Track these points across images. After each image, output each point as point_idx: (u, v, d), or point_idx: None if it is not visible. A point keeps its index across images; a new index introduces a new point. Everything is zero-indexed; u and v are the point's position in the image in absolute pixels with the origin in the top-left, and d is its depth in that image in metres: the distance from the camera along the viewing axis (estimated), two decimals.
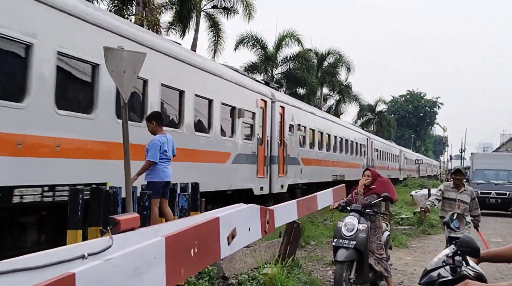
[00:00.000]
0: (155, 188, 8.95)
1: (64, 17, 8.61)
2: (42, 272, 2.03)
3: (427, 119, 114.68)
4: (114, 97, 9.59)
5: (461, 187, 9.55)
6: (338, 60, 46.21)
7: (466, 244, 3.16)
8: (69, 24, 8.72)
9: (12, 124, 7.63)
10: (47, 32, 8.28)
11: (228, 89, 14.82)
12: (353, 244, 7.71)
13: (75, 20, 8.82)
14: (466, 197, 9.41)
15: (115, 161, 8.95)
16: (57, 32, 8.49)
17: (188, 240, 2.71)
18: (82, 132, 9.05)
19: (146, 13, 23.09)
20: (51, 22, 8.39)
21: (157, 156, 8.95)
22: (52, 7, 8.36)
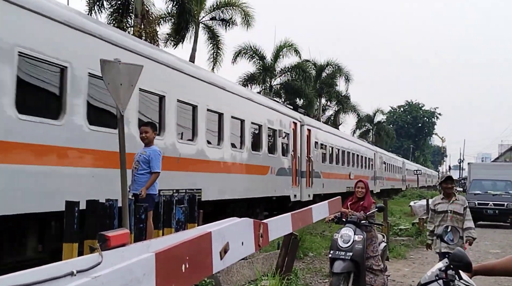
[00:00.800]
0: (152, 200, 8.88)
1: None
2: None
3: (425, 130, 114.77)
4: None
5: (452, 196, 8.65)
6: (336, 71, 46.38)
7: (458, 258, 3.16)
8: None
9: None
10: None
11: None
12: (349, 255, 7.69)
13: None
14: (459, 207, 8.50)
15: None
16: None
17: (179, 255, 2.70)
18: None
19: (145, 25, 23.15)
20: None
21: (160, 167, 8.75)
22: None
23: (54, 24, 8.55)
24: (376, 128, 72.62)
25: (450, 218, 8.47)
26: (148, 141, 8.88)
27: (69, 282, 2.12)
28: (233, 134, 15.31)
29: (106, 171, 9.50)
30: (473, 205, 24.49)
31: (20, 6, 7.85)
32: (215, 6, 30.00)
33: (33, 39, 8.13)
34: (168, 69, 11.89)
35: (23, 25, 7.98)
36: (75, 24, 9.00)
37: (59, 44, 8.69)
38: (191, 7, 26.24)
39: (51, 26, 8.50)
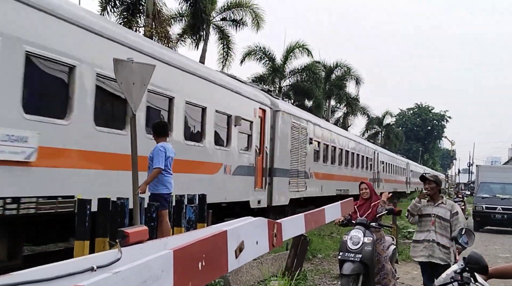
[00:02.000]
0: (164, 199, 8.89)
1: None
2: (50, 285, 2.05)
3: (435, 133, 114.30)
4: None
5: (438, 198, 7.66)
6: (346, 73, 46.33)
7: (474, 260, 3.15)
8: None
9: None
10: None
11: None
12: (359, 257, 7.69)
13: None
14: (444, 212, 7.44)
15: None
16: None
17: (196, 253, 2.71)
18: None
19: (156, 25, 23.21)
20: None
21: (162, 162, 8.71)
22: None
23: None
24: (385, 130, 72.46)
25: (432, 223, 7.46)
26: (157, 141, 9.05)
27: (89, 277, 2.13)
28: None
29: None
30: (481, 209, 24.22)
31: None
32: (225, 6, 30.05)
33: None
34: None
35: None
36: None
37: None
38: (206, 7, 26.29)
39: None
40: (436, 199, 7.62)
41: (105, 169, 9.30)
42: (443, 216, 7.41)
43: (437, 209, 7.48)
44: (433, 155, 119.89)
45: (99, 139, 9.18)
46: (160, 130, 9.14)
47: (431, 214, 7.50)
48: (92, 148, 8.97)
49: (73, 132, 8.46)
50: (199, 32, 27.98)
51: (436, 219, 7.42)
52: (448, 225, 7.40)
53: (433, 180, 7.63)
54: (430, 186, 7.57)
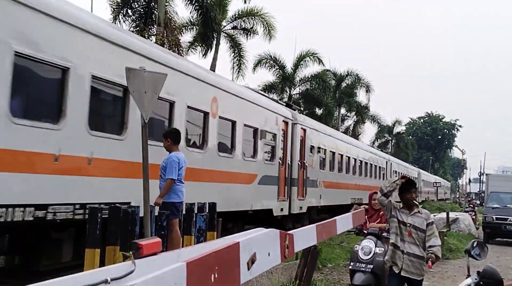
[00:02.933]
0: (175, 208, 8.90)
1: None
2: None
3: (445, 142, 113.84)
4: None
5: (414, 207, 6.89)
6: (356, 81, 46.33)
7: (489, 275, 3.13)
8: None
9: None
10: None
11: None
12: (370, 267, 7.68)
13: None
14: (420, 222, 6.78)
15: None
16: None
17: (209, 265, 2.71)
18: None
19: (167, 33, 23.32)
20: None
21: (175, 173, 8.76)
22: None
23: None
24: (395, 139, 72.25)
25: (408, 234, 6.76)
26: (168, 150, 9.05)
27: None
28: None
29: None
30: (491, 220, 23.19)
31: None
32: (236, 15, 30.13)
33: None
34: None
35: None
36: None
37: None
38: (216, 16, 26.40)
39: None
40: (412, 207, 6.88)
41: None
42: (420, 226, 6.76)
43: (413, 219, 6.80)
44: (443, 164, 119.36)
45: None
46: (175, 138, 9.17)
47: (406, 223, 6.80)
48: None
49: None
50: (210, 40, 28.07)
51: (412, 229, 6.76)
52: (424, 236, 6.77)
53: (414, 185, 7.07)
54: (416, 194, 7.02)
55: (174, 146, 9.05)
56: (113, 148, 9.25)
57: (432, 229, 6.80)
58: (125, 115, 9.54)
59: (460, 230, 22.89)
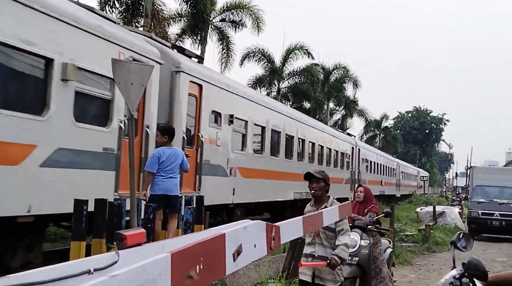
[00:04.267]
0: (153, 200, 9.00)
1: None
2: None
3: (433, 136, 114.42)
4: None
5: (324, 200, 5.95)
6: (345, 75, 46.40)
7: (474, 266, 3.14)
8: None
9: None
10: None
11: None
12: (355, 260, 7.71)
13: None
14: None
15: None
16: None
17: (194, 257, 2.68)
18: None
19: (154, 25, 23.19)
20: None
21: (153, 167, 9.04)
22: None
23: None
24: (383, 133, 72.58)
25: (316, 235, 5.88)
26: (159, 145, 9.39)
27: (86, 280, 2.11)
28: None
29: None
30: (477, 215, 22.14)
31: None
32: (225, 7, 30.03)
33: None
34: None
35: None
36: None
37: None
38: (206, 7, 26.32)
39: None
40: (322, 202, 5.95)
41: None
42: (329, 225, 5.52)
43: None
44: (431, 158, 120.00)
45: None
46: (170, 134, 9.52)
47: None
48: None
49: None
50: (200, 32, 27.98)
51: (319, 229, 5.64)
52: (334, 235, 5.83)
53: (321, 177, 5.96)
54: (318, 185, 5.92)
55: (165, 142, 9.33)
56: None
57: (341, 225, 5.75)
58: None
59: (446, 223, 23.04)
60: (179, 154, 9.38)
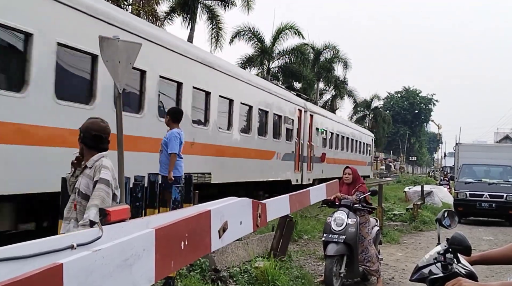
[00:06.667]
0: (174, 181, 9.09)
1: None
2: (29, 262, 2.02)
3: (422, 116, 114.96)
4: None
5: (85, 160, 4.47)
6: (335, 55, 46.31)
7: (458, 241, 3.16)
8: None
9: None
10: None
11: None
12: (342, 238, 7.78)
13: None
14: (85, 183, 4.30)
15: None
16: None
17: (179, 233, 2.69)
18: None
19: (143, 3, 23.00)
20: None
21: (178, 148, 9.22)
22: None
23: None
24: (373, 113, 72.77)
25: (74, 206, 4.33)
26: (168, 126, 9.47)
27: (69, 255, 2.11)
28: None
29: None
30: (464, 197, 20.34)
31: None
32: None
33: None
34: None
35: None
36: None
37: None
38: None
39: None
40: (84, 161, 4.49)
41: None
42: (85, 192, 4.29)
43: (80, 179, 4.40)
44: (420, 138, 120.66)
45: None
46: (176, 117, 9.55)
47: (75, 188, 4.41)
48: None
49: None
50: (189, 11, 27.77)
51: (77, 197, 4.33)
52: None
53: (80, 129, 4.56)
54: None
55: (173, 123, 9.39)
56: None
57: (97, 190, 4.19)
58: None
59: (434, 202, 23.15)
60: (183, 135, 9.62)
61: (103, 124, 4.56)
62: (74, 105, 8.92)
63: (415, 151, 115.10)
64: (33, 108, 8.04)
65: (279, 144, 19.45)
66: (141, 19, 16.38)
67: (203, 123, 13.55)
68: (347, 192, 8.50)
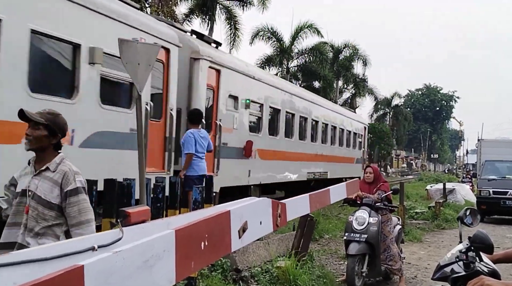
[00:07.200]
0: (191, 180, 9.18)
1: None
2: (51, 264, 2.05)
3: (443, 113, 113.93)
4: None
5: (46, 159, 3.83)
6: (354, 53, 46.09)
7: (480, 239, 3.14)
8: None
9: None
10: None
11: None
12: (364, 237, 7.75)
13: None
14: (47, 188, 3.73)
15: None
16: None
17: (199, 233, 2.70)
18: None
19: (162, 5, 23.12)
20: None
21: (192, 148, 9.48)
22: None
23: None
24: (393, 111, 72.25)
25: (26, 210, 3.70)
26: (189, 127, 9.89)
27: (90, 256, 2.13)
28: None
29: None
30: (487, 194, 19.51)
31: None
32: None
33: None
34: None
35: None
36: None
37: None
38: None
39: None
40: (43, 161, 3.85)
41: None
42: (45, 197, 3.72)
43: (37, 181, 3.78)
44: (441, 135, 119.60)
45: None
46: (194, 118, 9.94)
47: (27, 190, 3.77)
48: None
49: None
50: (208, 12, 27.88)
51: (31, 201, 3.72)
52: (53, 215, 3.72)
53: (41, 121, 3.80)
54: (35, 133, 3.78)
55: (190, 124, 9.86)
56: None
57: (80, 202, 3.76)
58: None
59: (456, 200, 22.93)
60: (206, 136, 9.73)
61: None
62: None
63: (436, 149, 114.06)
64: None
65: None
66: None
67: None
68: (369, 191, 8.46)
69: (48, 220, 3.69)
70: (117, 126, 9.21)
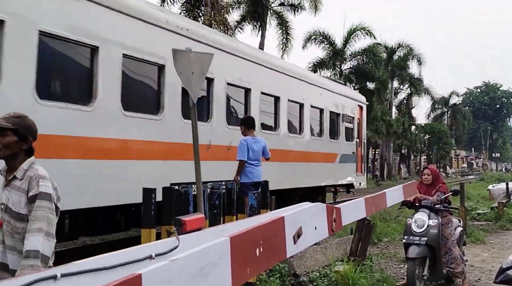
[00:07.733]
0: (245, 187, 9.24)
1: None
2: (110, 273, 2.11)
3: (504, 111, 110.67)
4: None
5: (16, 166, 3.45)
6: (409, 53, 45.40)
7: None
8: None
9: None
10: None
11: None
12: (424, 240, 7.61)
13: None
14: (16, 199, 3.37)
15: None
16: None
17: (253, 240, 2.73)
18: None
19: (214, 14, 23.40)
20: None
21: (244, 155, 9.51)
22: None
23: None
24: (451, 111, 70.66)
25: (0, 225, 3.40)
26: (243, 135, 9.85)
27: (148, 265, 2.19)
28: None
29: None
30: None
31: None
32: None
33: None
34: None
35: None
36: None
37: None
38: None
39: None
40: (13, 168, 3.48)
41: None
42: (14, 208, 3.39)
43: (9, 192, 3.44)
44: (502, 133, 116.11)
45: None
46: (247, 124, 9.99)
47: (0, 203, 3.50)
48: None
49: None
50: (260, 18, 28.06)
51: (4, 215, 3.42)
52: (24, 228, 3.32)
53: (8, 126, 3.42)
54: (4, 140, 3.41)
55: (248, 131, 9.84)
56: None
57: (38, 208, 3.31)
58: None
59: None
60: (262, 143, 9.73)
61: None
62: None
63: (498, 147, 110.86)
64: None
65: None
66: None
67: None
68: (427, 193, 8.30)
69: (20, 233, 3.31)
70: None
